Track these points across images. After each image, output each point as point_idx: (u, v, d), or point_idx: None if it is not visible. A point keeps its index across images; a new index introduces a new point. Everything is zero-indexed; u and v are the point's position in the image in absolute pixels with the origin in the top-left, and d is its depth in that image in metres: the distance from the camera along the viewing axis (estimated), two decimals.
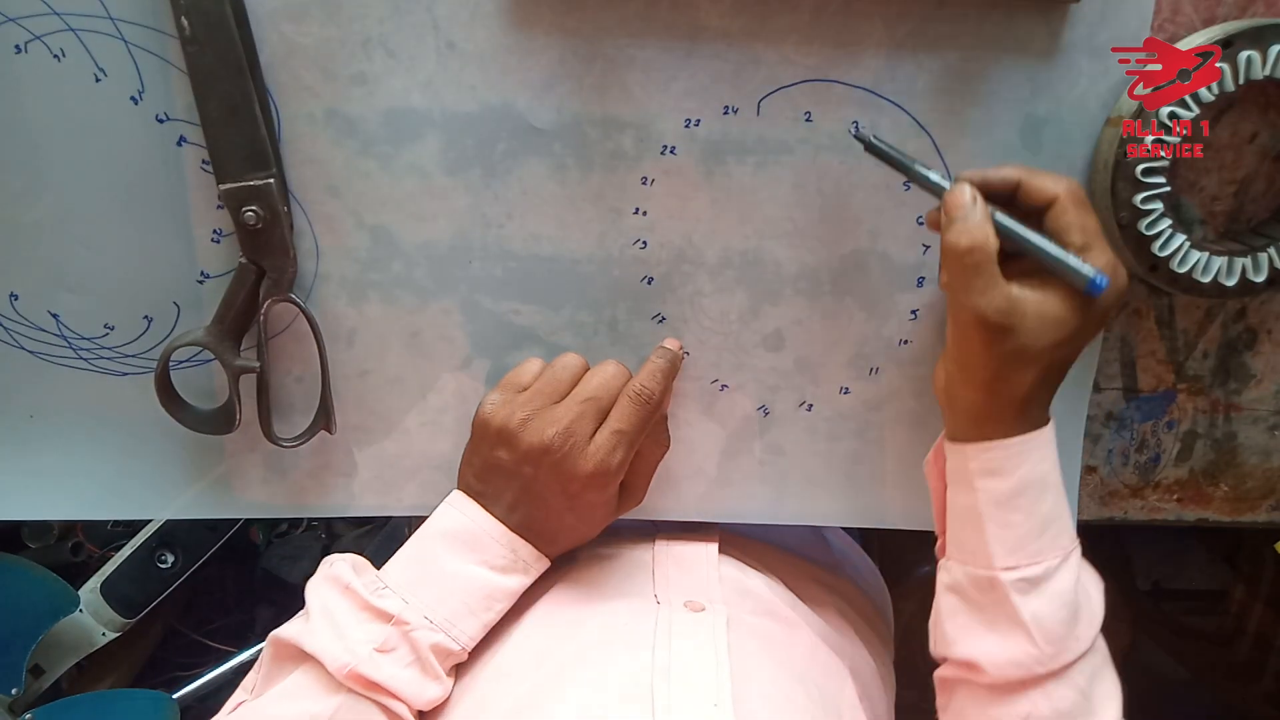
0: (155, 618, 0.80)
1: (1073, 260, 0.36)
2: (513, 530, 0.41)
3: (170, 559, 0.76)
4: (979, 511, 0.38)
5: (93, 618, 0.74)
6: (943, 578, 0.42)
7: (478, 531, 0.40)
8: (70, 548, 0.80)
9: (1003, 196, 0.38)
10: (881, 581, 0.62)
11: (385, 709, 0.37)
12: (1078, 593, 0.38)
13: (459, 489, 0.42)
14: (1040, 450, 0.39)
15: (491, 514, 0.41)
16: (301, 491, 0.47)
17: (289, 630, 0.38)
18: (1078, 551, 0.39)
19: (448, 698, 0.39)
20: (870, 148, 0.39)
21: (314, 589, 0.40)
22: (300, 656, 0.37)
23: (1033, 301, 0.36)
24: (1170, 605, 1.07)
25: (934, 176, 0.38)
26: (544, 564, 0.42)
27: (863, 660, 0.49)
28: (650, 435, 0.43)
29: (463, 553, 0.40)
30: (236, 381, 0.42)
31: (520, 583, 0.41)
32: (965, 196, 0.37)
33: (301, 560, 1.06)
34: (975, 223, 0.36)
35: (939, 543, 0.44)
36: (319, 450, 0.46)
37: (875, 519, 0.50)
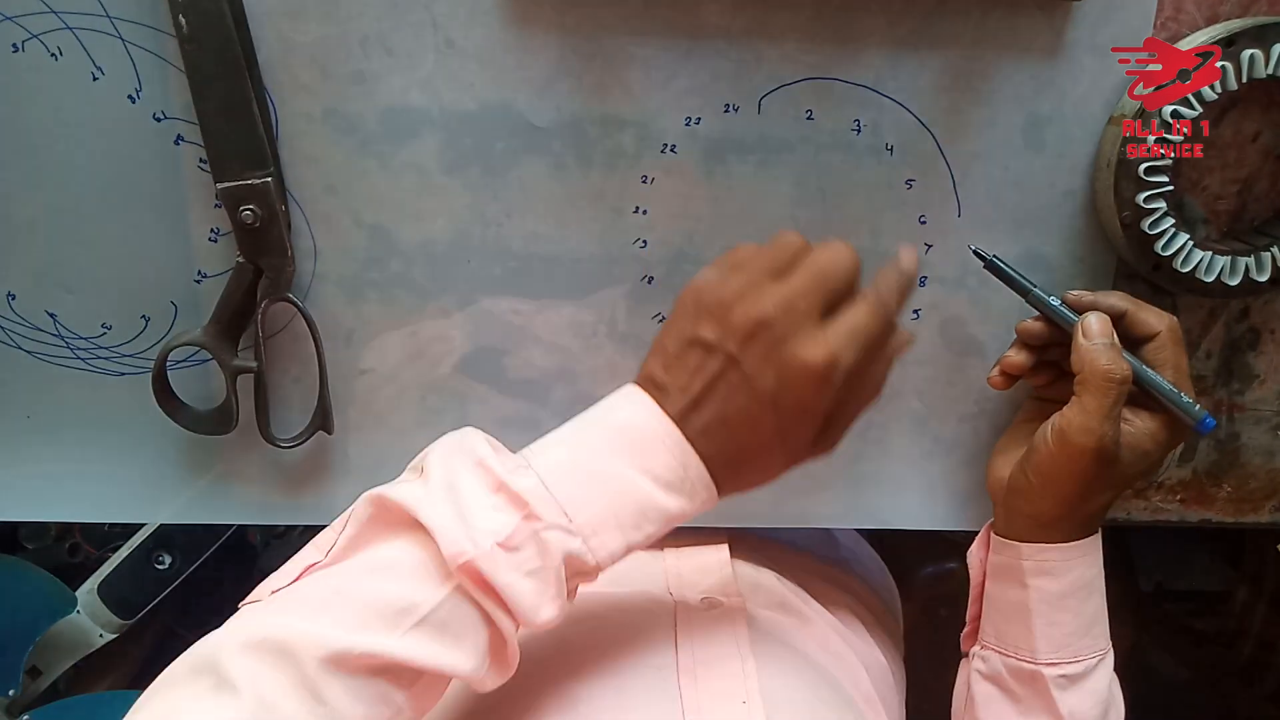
0: (153, 619, 0.79)
1: (1186, 400, 0.39)
2: (689, 439, 0.33)
3: (168, 560, 0.76)
4: (1029, 608, 0.40)
5: (90, 619, 0.74)
6: (978, 665, 0.43)
7: (649, 432, 0.33)
8: (67, 549, 0.79)
9: None
10: (890, 579, 0.62)
11: (490, 620, 0.30)
12: (1110, 690, 0.41)
13: (637, 381, 0.35)
14: (1092, 555, 0.41)
15: (668, 413, 0.33)
16: (299, 492, 0.47)
17: (400, 492, 0.31)
18: (1111, 653, 0.42)
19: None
20: (990, 266, 0.41)
21: (440, 457, 0.32)
22: (411, 525, 0.31)
23: (1133, 435, 0.39)
24: (1173, 606, 1.07)
25: (1055, 302, 0.41)
26: (711, 495, 0.34)
27: (874, 656, 0.49)
28: (875, 365, 0.35)
29: (626, 453, 0.32)
30: (234, 381, 0.42)
31: (681, 508, 0.33)
32: (1109, 328, 0.39)
33: None
34: (1120, 354, 0.38)
35: (968, 629, 0.45)
36: (317, 451, 0.46)
37: (878, 520, 0.50)
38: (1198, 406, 0.39)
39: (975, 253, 0.42)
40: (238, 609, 0.32)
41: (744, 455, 0.34)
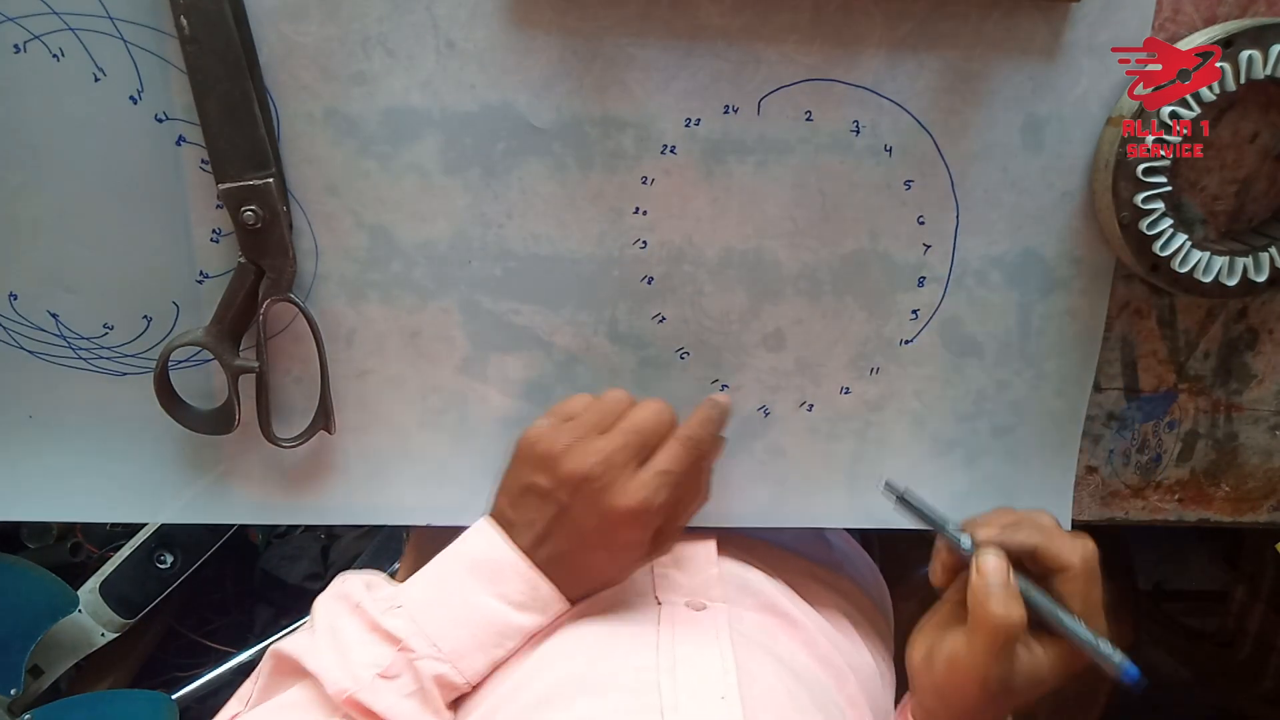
0: (154, 618, 0.80)
1: (1105, 647, 0.37)
2: (538, 566, 0.39)
3: (169, 559, 0.76)
4: None
5: (92, 618, 0.74)
6: None
7: (501, 562, 0.39)
8: (69, 548, 0.80)
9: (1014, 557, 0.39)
10: (882, 581, 0.62)
11: None
12: None
13: (490, 515, 0.41)
14: None
15: (518, 545, 0.39)
16: (300, 492, 0.47)
17: (291, 645, 0.37)
18: None
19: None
20: (901, 501, 0.41)
21: (322, 605, 0.39)
22: (300, 672, 0.36)
23: (1032, 665, 0.38)
24: (1171, 606, 1.07)
25: (964, 541, 0.39)
26: (563, 606, 0.40)
27: (863, 658, 0.49)
28: (691, 484, 0.42)
29: (483, 582, 0.39)
30: (235, 381, 0.42)
31: (535, 622, 0.39)
32: (1003, 568, 0.37)
33: (300, 561, 1.06)
34: (1014, 598, 0.37)
35: None
36: (318, 451, 0.46)
37: (876, 519, 0.50)
38: (1117, 655, 0.37)
39: (888, 487, 0.42)
40: None
41: (587, 574, 0.40)
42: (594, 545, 0.39)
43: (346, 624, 0.37)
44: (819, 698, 0.40)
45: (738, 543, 0.50)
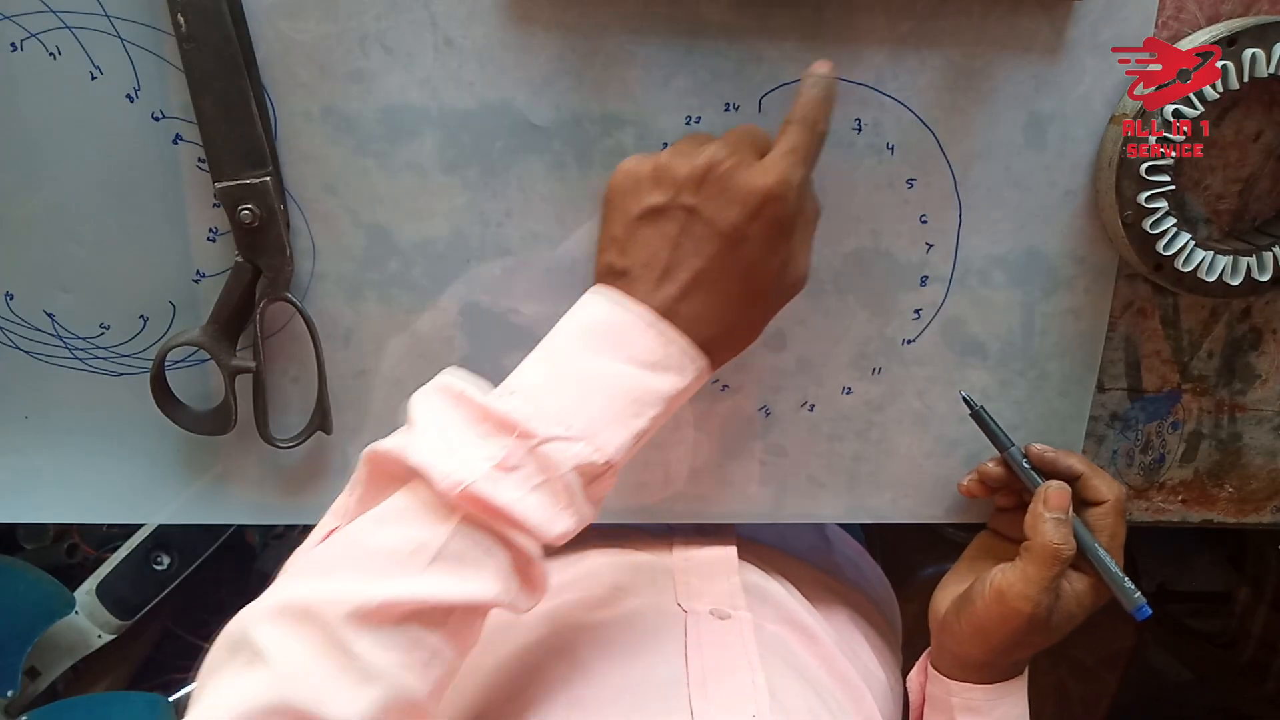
0: (151, 620, 0.79)
1: (1127, 585, 0.41)
2: (666, 315, 0.33)
3: (166, 561, 0.76)
4: None
5: (88, 620, 0.74)
6: None
7: (622, 320, 0.33)
8: (66, 549, 0.79)
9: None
10: (890, 593, 0.62)
11: (508, 543, 0.30)
12: None
13: (596, 280, 0.35)
14: (1017, 694, 0.43)
15: (637, 296, 0.33)
16: (298, 493, 0.47)
17: (390, 443, 0.31)
18: None
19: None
20: (976, 417, 0.44)
21: (419, 401, 0.32)
22: (405, 473, 0.31)
23: (1068, 599, 0.41)
24: (1175, 607, 1.07)
25: (1026, 465, 0.43)
26: (701, 365, 0.34)
27: (876, 674, 0.49)
28: (808, 186, 0.36)
29: (604, 348, 0.32)
30: (232, 381, 0.42)
31: (674, 385, 0.33)
32: (1067, 500, 0.41)
33: None
34: (1070, 529, 0.40)
35: None
36: (316, 451, 0.46)
37: (877, 516, 0.50)
38: (1136, 593, 0.41)
39: (965, 400, 0.45)
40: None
41: (725, 311, 0.34)
42: (733, 251, 0.33)
43: (450, 417, 0.31)
44: (839, 716, 0.40)
45: (754, 551, 0.50)
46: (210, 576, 0.80)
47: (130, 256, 0.42)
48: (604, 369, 0.32)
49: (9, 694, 0.67)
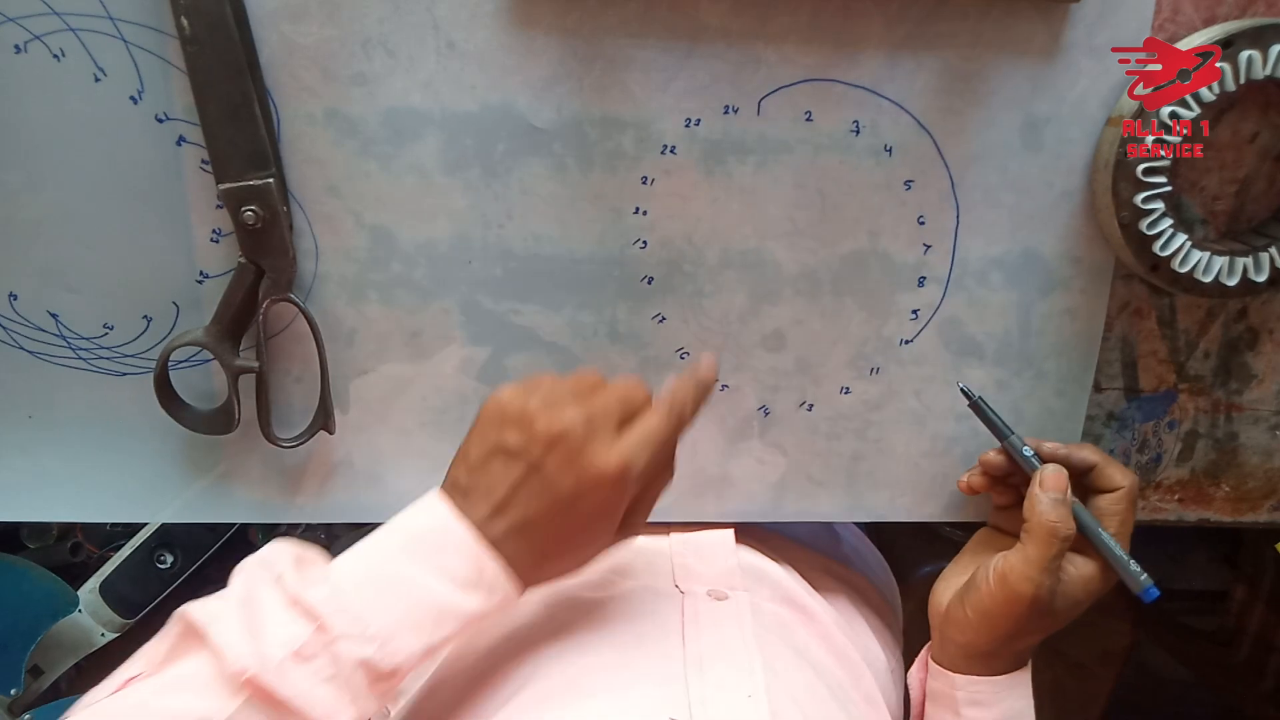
0: (155, 618, 0.80)
1: (1134, 565, 0.41)
2: (492, 540, 0.34)
3: (169, 559, 0.76)
4: None
5: (92, 618, 0.74)
6: None
7: (444, 535, 0.34)
8: (69, 548, 0.80)
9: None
10: (891, 577, 0.62)
11: None
12: None
13: (441, 488, 0.37)
14: (1022, 687, 0.43)
15: (471, 517, 0.35)
16: (300, 492, 0.47)
17: (202, 610, 0.32)
18: None
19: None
20: (974, 406, 0.44)
21: (243, 571, 0.34)
22: (204, 642, 0.32)
23: (1071, 582, 0.41)
24: (1171, 605, 1.07)
25: (1027, 453, 0.43)
26: (510, 592, 0.35)
27: (876, 654, 0.49)
28: (663, 458, 0.38)
29: (421, 557, 0.34)
30: (235, 381, 0.42)
31: (479, 606, 0.34)
32: (1064, 482, 0.41)
33: None
34: (1069, 511, 0.41)
35: None
36: (318, 450, 0.46)
37: (875, 514, 0.50)
38: (1143, 575, 0.41)
39: (963, 391, 0.45)
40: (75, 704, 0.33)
41: (549, 552, 0.36)
42: (563, 513, 0.35)
43: (264, 595, 0.33)
44: (838, 694, 0.40)
45: (752, 534, 0.50)
46: (213, 575, 0.80)
47: (134, 257, 0.42)
48: (415, 578, 0.33)
49: (12, 692, 0.68)
